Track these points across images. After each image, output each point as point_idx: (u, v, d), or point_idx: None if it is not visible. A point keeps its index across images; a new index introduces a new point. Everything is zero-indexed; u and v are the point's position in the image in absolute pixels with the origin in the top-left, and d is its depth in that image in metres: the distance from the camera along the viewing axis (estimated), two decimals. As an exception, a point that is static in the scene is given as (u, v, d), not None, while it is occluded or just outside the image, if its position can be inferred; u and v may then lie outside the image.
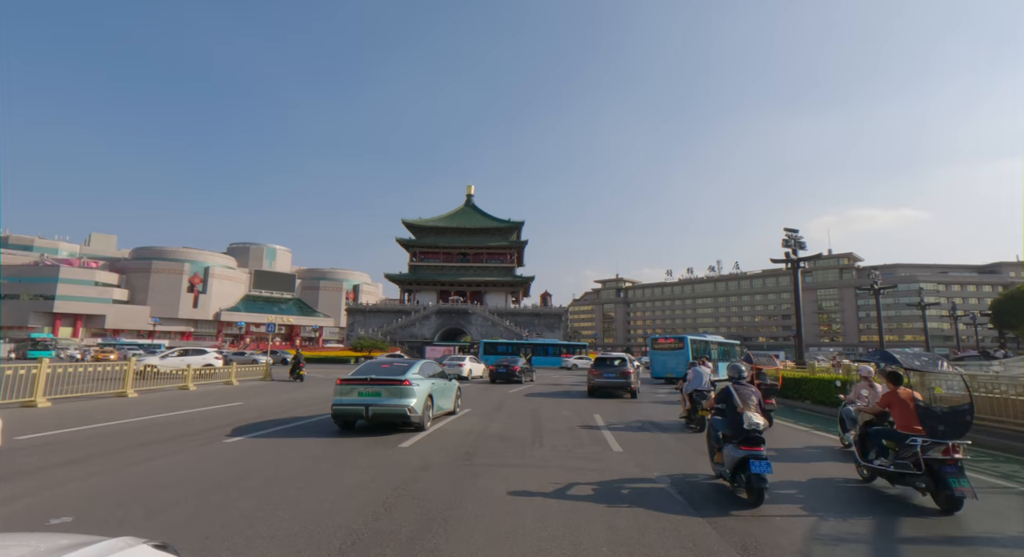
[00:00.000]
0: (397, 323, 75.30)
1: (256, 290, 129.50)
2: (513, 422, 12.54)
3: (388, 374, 10.69)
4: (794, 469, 8.01)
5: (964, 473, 5.74)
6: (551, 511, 5.52)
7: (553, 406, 16.95)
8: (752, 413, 6.30)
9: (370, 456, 8.17)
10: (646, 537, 4.83)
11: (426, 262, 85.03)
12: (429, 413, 11.08)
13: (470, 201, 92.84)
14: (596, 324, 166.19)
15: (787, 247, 30.90)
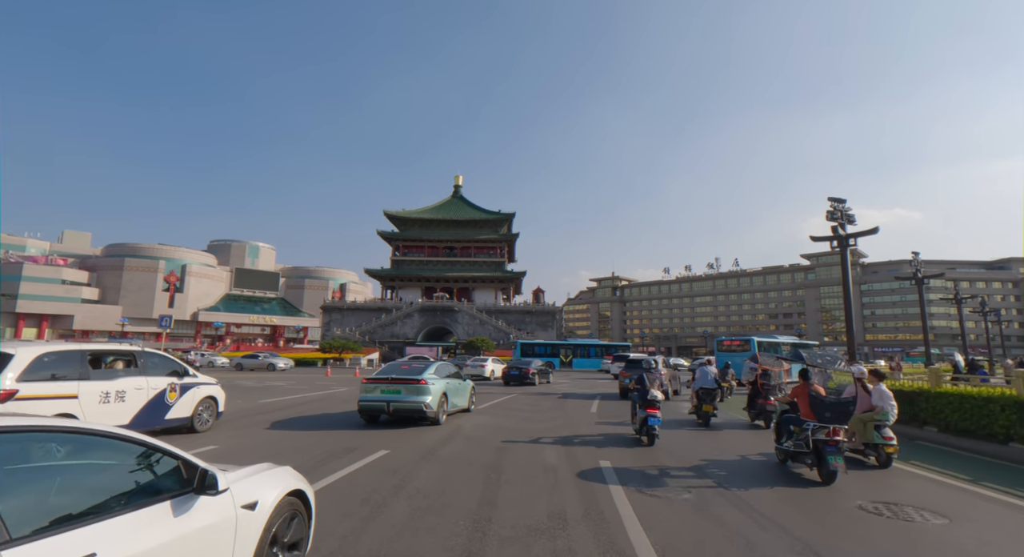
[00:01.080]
0: (376, 322, 68.43)
1: (237, 289, 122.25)
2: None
3: (407, 374, 11.86)
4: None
5: (841, 452, 6.89)
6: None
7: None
8: (655, 390, 9.94)
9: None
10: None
11: (410, 257, 78.20)
12: (444, 410, 12.08)
13: (458, 192, 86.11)
14: (591, 323, 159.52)
15: (833, 220, 24.31)
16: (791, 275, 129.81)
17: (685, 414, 14.35)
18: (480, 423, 12.34)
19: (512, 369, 26.78)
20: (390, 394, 11.49)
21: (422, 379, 11.60)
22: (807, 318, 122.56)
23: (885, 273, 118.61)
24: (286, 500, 3.38)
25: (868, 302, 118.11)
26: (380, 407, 11.42)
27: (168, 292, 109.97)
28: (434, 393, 11.64)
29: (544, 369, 28.81)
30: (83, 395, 7.59)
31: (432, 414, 11.42)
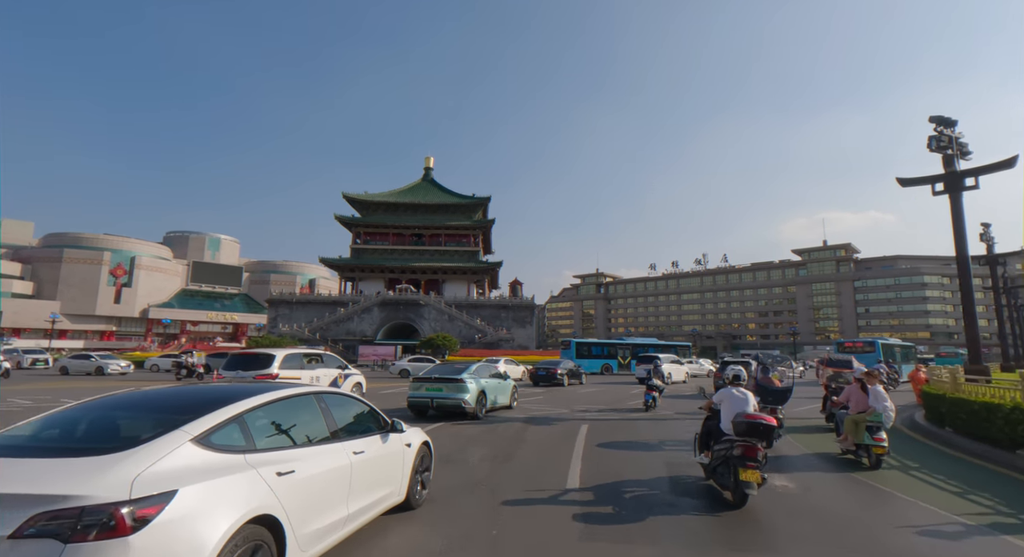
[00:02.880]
0: (329, 317, 58.72)
1: (195, 284, 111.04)
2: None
3: (449, 373, 13.11)
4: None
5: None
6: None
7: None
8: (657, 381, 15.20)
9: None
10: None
11: (372, 244, 68.50)
12: (483, 406, 13.09)
13: (428, 175, 76.61)
14: (575, 322, 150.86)
15: (939, 150, 15.65)
16: (781, 271, 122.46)
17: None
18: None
19: (539, 370, 25.64)
20: (434, 391, 12.63)
21: (461, 378, 12.67)
22: (799, 316, 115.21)
23: (879, 269, 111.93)
24: (423, 445, 5.65)
25: (862, 299, 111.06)
26: (426, 403, 12.59)
27: (114, 286, 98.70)
28: (472, 391, 12.59)
29: (575, 370, 27.33)
30: (303, 377, 13.30)
31: (471, 410, 12.39)
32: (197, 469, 2.74)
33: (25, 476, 2.46)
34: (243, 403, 3.36)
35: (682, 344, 47.34)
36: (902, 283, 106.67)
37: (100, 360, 31.49)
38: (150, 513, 2.41)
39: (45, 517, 2.26)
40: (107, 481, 2.43)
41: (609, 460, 8.08)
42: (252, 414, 3.36)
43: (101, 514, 2.31)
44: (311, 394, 4.12)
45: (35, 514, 2.26)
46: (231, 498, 2.78)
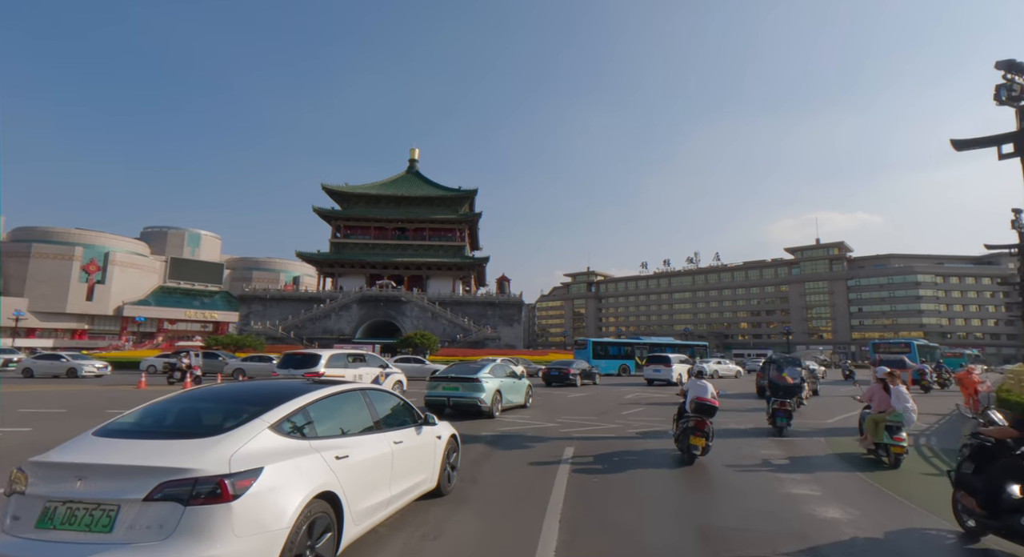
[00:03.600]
0: (305, 315, 54.97)
1: (173, 281, 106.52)
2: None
3: (465, 373, 13.27)
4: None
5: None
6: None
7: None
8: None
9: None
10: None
11: (353, 238, 64.77)
12: (498, 405, 13.10)
13: (413, 167, 72.98)
14: (565, 321, 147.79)
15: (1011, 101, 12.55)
16: (774, 270, 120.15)
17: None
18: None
19: (552, 370, 25.14)
20: (450, 390, 12.81)
21: (476, 378, 12.79)
22: (791, 315, 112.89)
23: (872, 268, 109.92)
24: (452, 438, 6.01)
25: (855, 298, 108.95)
26: (442, 401, 12.65)
27: (87, 283, 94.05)
28: (488, 390, 12.68)
29: (589, 371, 26.60)
30: (347, 375, 14.24)
31: (486, 408, 12.48)
32: (275, 451, 3.28)
33: (147, 453, 3.07)
34: (305, 397, 3.92)
35: (699, 344, 45.22)
36: (895, 282, 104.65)
37: (73, 361, 27.18)
38: (246, 484, 2.97)
39: (168, 485, 2.83)
40: (211, 458, 3.00)
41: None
42: (313, 406, 3.92)
43: (210, 483, 2.87)
44: (358, 390, 4.68)
45: (161, 482, 2.83)
46: (302, 476, 3.31)
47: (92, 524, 2.75)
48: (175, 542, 2.70)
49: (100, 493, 2.81)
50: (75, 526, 2.75)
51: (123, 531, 2.72)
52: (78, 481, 2.85)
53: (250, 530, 2.88)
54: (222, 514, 2.79)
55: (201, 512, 2.76)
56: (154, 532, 2.72)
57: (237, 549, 2.80)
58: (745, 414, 14.32)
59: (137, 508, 2.76)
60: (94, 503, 2.80)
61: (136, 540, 2.70)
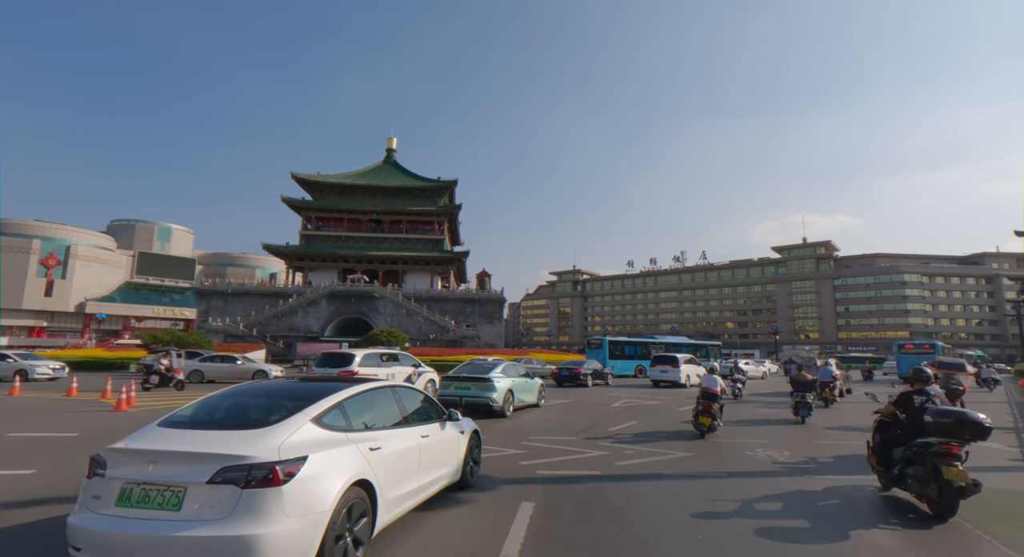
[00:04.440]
0: (269, 311, 50.80)
1: (141, 276, 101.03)
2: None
3: (477, 372, 13.24)
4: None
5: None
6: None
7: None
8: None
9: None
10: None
11: (325, 230, 60.61)
12: (510, 404, 13.01)
13: (391, 157, 68.98)
14: (551, 320, 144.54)
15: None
16: (760, 269, 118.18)
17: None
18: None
19: (563, 370, 24.47)
20: (462, 390, 12.67)
21: (488, 377, 12.74)
22: (778, 315, 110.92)
23: (859, 267, 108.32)
24: (474, 433, 6.18)
25: (841, 298, 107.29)
26: (454, 401, 12.31)
27: (45, 278, 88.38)
28: (500, 389, 12.56)
29: (601, 371, 26.01)
30: (379, 374, 14.31)
31: (498, 408, 12.37)
32: (317, 442, 3.53)
33: (207, 441, 3.34)
34: (342, 393, 4.18)
35: (713, 343, 44.06)
36: (882, 282, 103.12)
37: (22, 361, 22.87)
38: (293, 471, 3.21)
39: (227, 470, 3.09)
40: (263, 447, 3.26)
41: None
42: (348, 401, 4.17)
43: (263, 469, 3.13)
44: (388, 387, 4.94)
45: (221, 467, 3.10)
46: (341, 465, 3.56)
47: (163, 503, 3.06)
48: (234, 520, 2.97)
49: (169, 476, 3.11)
50: (149, 505, 3.07)
51: (190, 510, 3.01)
52: (150, 465, 3.17)
53: (298, 511, 3.13)
54: (274, 496, 3.07)
55: (256, 494, 3.05)
56: (216, 511, 3.01)
57: (287, 528, 3.04)
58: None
59: (201, 490, 3.06)
60: (164, 485, 3.10)
61: (201, 518, 2.99)
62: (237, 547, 2.90)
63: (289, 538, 3.05)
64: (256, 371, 24.74)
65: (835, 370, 16.91)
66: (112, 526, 3.00)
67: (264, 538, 2.95)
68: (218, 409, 3.95)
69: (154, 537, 2.91)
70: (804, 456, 8.27)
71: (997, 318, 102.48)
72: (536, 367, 27.48)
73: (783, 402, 17.28)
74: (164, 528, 2.93)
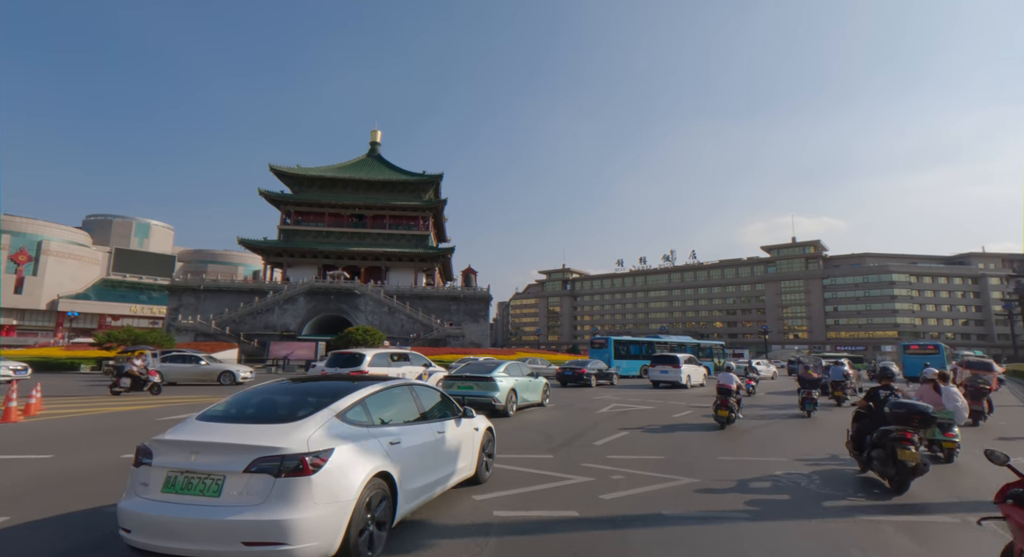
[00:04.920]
0: (244, 308, 48.37)
1: (118, 273, 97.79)
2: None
3: (480, 371, 13.22)
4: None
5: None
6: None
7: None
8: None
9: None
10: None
11: (305, 225, 58.22)
12: (513, 404, 12.87)
13: (374, 151, 66.71)
14: (540, 319, 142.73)
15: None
16: (750, 269, 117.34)
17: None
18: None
19: (566, 370, 23.82)
20: (465, 389, 12.49)
21: (491, 376, 12.65)
22: (767, 314, 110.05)
23: (848, 267, 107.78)
24: (488, 430, 6.27)
25: (830, 298, 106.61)
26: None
27: (15, 275, 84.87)
28: (503, 389, 12.50)
29: (605, 371, 25.44)
30: (390, 373, 13.71)
31: (501, 407, 12.23)
32: (342, 435, 3.72)
33: (243, 434, 3.53)
34: (364, 391, 4.35)
35: (716, 343, 43.38)
36: (870, 281, 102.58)
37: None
38: (321, 462, 3.41)
39: (261, 460, 3.30)
40: (293, 439, 3.46)
41: None
42: (370, 398, 4.34)
43: (294, 460, 3.33)
44: (406, 385, 5.09)
45: (256, 458, 3.30)
46: (363, 457, 3.72)
47: (205, 490, 3.29)
48: (269, 506, 3.19)
49: (210, 465, 3.34)
50: (192, 491, 3.30)
51: (229, 496, 3.24)
52: (192, 455, 3.39)
53: (325, 499, 3.33)
54: (304, 485, 3.27)
55: (288, 483, 3.25)
56: (253, 497, 3.23)
57: (316, 514, 3.25)
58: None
59: (239, 478, 3.27)
60: (205, 473, 3.33)
61: (239, 503, 3.21)
62: (273, 530, 3.13)
63: (318, 523, 3.25)
64: (222, 372, 22.66)
65: (848, 369, 16.96)
66: (159, 510, 3.25)
67: (296, 523, 3.16)
68: (248, 405, 4.15)
69: (198, 520, 3.16)
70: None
71: (983, 318, 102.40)
72: (540, 367, 26.75)
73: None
74: (206, 512, 3.18)
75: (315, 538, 3.22)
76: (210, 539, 3.14)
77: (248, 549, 3.12)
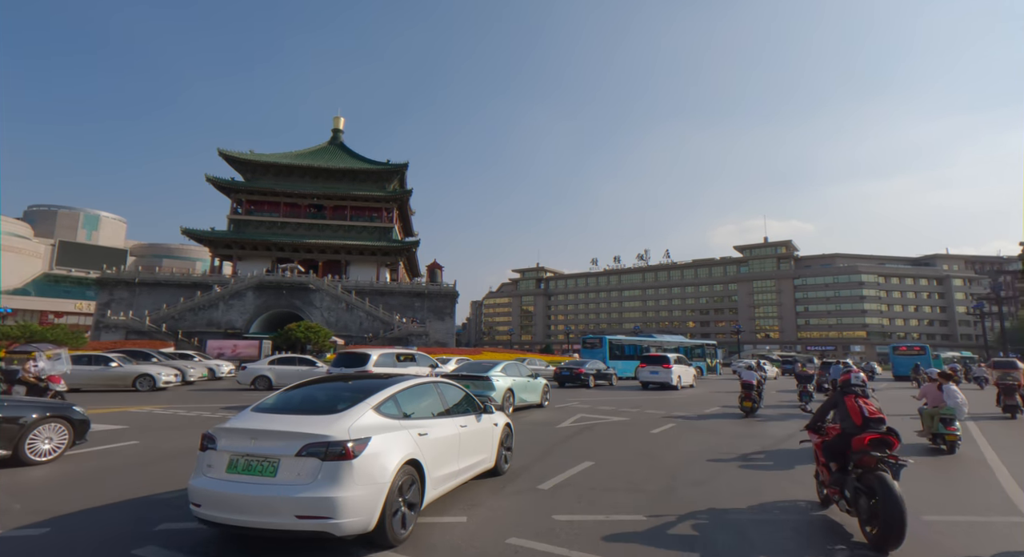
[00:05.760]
0: (184, 304, 43.85)
1: (62, 267, 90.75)
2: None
3: (476, 371, 13.31)
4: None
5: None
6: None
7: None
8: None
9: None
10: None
11: (258, 215, 53.72)
12: (510, 404, 12.72)
13: (337, 138, 62.49)
14: (513, 319, 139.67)
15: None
16: (723, 268, 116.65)
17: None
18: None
19: (563, 370, 23.52)
20: None
21: (487, 376, 12.64)
22: (740, 314, 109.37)
23: (818, 267, 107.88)
24: (507, 425, 6.73)
25: (801, 298, 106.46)
26: None
27: (-57, 267, 77.52)
28: (499, 388, 12.43)
29: (604, 371, 24.83)
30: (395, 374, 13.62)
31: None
32: (377, 426, 4.17)
33: (294, 423, 3.99)
34: (395, 387, 4.82)
35: (708, 343, 42.43)
36: (840, 282, 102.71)
37: None
38: (360, 448, 3.83)
39: (310, 446, 3.72)
40: (336, 428, 3.90)
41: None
42: (401, 394, 4.80)
43: (339, 446, 3.75)
44: (432, 383, 5.52)
45: (306, 444, 3.73)
46: (396, 446, 4.17)
47: (263, 471, 3.73)
48: (318, 485, 3.61)
49: (267, 449, 3.78)
50: (252, 472, 3.74)
51: (284, 476, 3.67)
52: (252, 441, 3.86)
53: (365, 481, 3.75)
54: (347, 468, 3.69)
55: (333, 465, 3.68)
56: (304, 477, 3.65)
57: (356, 493, 3.67)
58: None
59: (291, 461, 3.70)
60: (263, 456, 3.77)
61: (293, 482, 3.64)
62: (321, 506, 3.55)
63: (359, 502, 3.67)
64: (138, 376, 18.70)
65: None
66: (225, 487, 3.69)
67: (341, 500, 3.58)
68: (294, 399, 4.63)
69: (257, 497, 3.60)
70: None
71: (947, 318, 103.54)
72: (539, 367, 26.24)
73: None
74: (265, 490, 3.62)
75: (356, 514, 3.65)
76: (268, 513, 3.58)
77: (300, 522, 3.55)
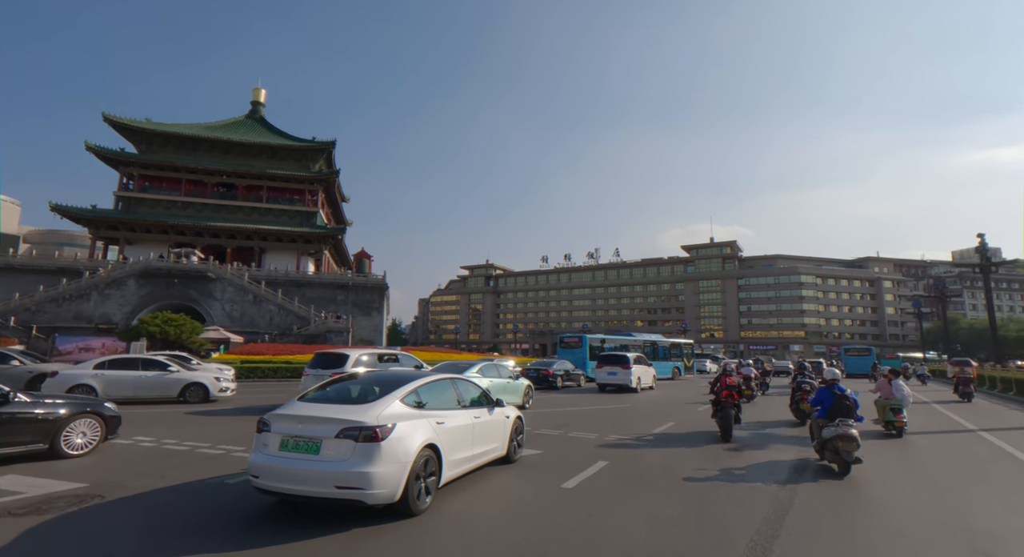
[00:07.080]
0: (44, 294, 35.67)
1: (-67, 255, 77.19)
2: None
3: (451, 372, 13.52)
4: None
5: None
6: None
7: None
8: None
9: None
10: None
11: (154, 193, 45.56)
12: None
13: (257, 112, 54.75)
14: (461, 317, 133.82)
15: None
16: (671, 268, 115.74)
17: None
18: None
19: (531, 370, 22.23)
20: None
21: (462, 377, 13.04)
22: (686, 313, 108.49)
23: (761, 267, 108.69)
24: (517, 418, 7.55)
25: (744, 298, 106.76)
26: None
27: None
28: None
29: (573, 372, 24.11)
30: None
31: None
32: (401, 414, 5.02)
33: (333, 411, 4.90)
34: (417, 382, 5.69)
35: (686, 342, 40.26)
36: (781, 282, 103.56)
37: None
38: (388, 432, 4.68)
39: (346, 429, 4.59)
40: (368, 415, 4.76)
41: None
42: (422, 388, 5.68)
43: (369, 430, 4.60)
44: (448, 379, 6.39)
45: (342, 428, 4.60)
46: (417, 431, 5.01)
47: (308, 449, 4.60)
48: (353, 462, 4.47)
49: (311, 432, 4.66)
50: (299, 450, 4.63)
51: (325, 454, 4.55)
52: (299, 424, 4.74)
53: (391, 459, 4.59)
54: (376, 448, 4.55)
55: (365, 446, 4.54)
56: (342, 455, 4.53)
57: (385, 469, 4.52)
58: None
59: (331, 442, 4.57)
60: (308, 437, 4.65)
61: (333, 459, 4.52)
62: (356, 479, 4.42)
63: (387, 476, 4.53)
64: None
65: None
66: (277, 462, 4.60)
67: (372, 475, 4.45)
68: (330, 392, 5.61)
69: (304, 470, 4.51)
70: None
71: (877, 319, 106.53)
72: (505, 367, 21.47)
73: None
74: (310, 465, 4.53)
75: (384, 487, 4.51)
76: (313, 483, 4.48)
77: (338, 491, 4.46)
